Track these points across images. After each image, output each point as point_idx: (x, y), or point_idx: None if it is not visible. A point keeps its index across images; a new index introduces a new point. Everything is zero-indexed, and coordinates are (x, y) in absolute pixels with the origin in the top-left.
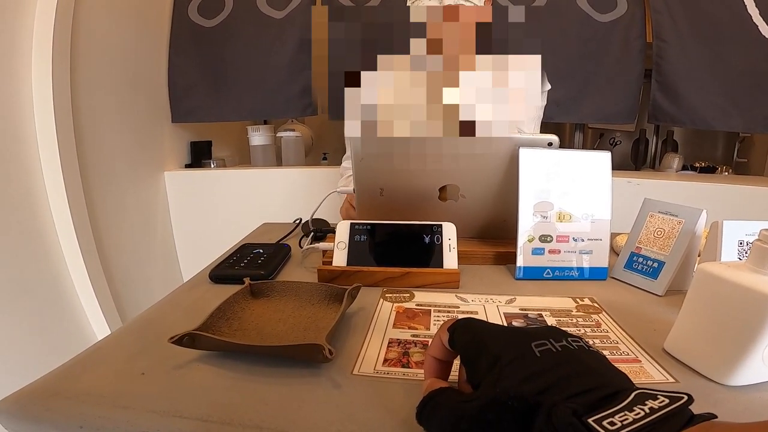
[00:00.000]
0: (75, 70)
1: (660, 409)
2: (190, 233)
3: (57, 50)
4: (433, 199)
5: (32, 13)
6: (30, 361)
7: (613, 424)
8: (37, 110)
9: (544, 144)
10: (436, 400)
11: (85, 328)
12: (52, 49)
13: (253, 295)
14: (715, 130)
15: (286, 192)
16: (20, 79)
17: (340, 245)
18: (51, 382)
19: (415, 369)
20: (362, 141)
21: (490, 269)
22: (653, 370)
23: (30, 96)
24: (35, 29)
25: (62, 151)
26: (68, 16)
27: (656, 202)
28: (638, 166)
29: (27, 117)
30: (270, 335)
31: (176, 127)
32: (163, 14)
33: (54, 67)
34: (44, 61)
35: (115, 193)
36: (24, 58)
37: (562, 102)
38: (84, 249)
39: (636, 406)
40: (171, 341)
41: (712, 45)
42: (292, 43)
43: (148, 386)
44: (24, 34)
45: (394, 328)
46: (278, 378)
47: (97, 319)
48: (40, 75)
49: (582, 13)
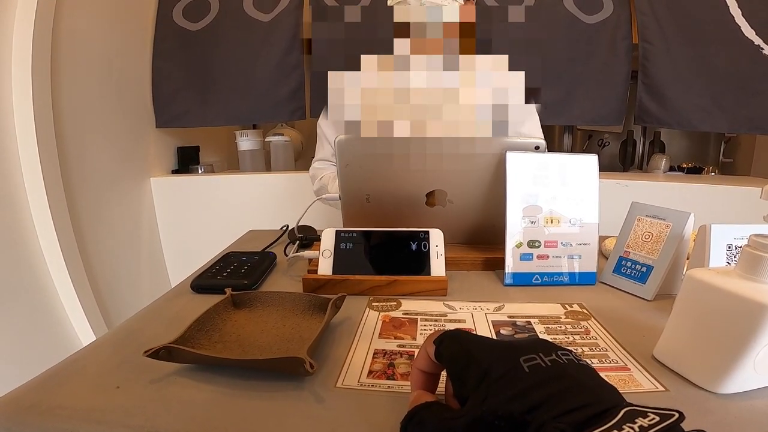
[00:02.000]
0: (56, 73)
1: (650, 428)
2: (177, 240)
3: (37, 53)
4: (421, 205)
5: (12, 16)
6: (12, 372)
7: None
8: (17, 116)
9: (531, 147)
10: (422, 415)
11: (71, 338)
12: (32, 52)
13: (235, 305)
14: (701, 131)
15: (276, 197)
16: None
17: (325, 253)
18: (24, 395)
19: (400, 381)
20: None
21: (479, 275)
22: (643, 379)
23: (10, 101)
24: (15, 31)
25: (43, 157)
26: (49, 19)
27: (644, 206)
28: (626, 167)
29: (6, 123)
30: (251, 347)
31: (163, 132)
32: (147, 17)
33: (34, 71)
34: (24, 64)
35: (99, 200)
36: (3, 61)
37: (550, 104)
38: (67, 257)
39: (625, 425)
40: (146, 355)
41: (697, 46)
42: (279, 46)
43: (124, 400)
44: (3, 37)
45: (380, 338)
46: (259, 392)
47: (83, 328)
48: (19, 79)
49: (569, 14)
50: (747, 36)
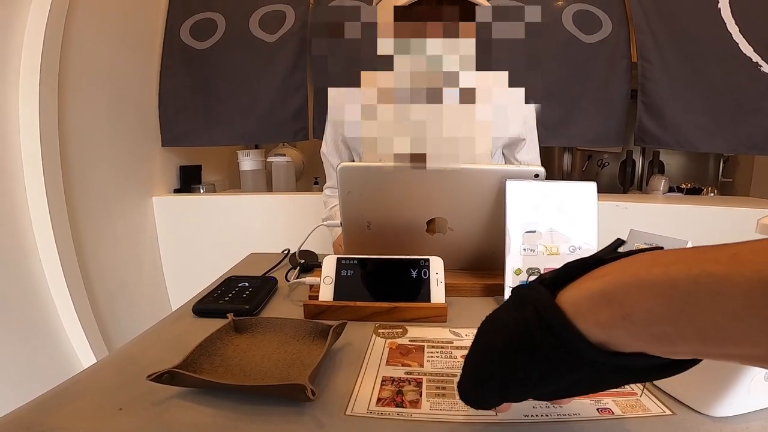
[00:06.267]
0: (63, 90)
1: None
2: (178, 259)
3: (45, 70)
4: (421, 232)
5: (21, 33)
6: (10, 391)
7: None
8: (23, 130)
9: (530, 176)
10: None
11: (70, 357)
12: (40, 69)
13: (236, 330)
14: (701, 152)
15: (276, 218)
16: (6, 99)
17: (326, 280)
18: (25, 415)
19: (409, 408)
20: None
21: (479, 301)
22: (650, 403)
23: (16, 116)
24: (24, 48)
25: (47, 173)
26: (58, 36)
27: (641, 233)
28: (626, 188)
29: (12, 138)
30: (253, 372)
31: (166, 150)
32: (155, 35)
33: (41, 87)
34: (32, 81)
35: (102, 218)
36: (11, 77)
37: (549, 125)
38: (68, 274)
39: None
40: (150, 379)
41: (695, 64)
42: (283, 66)
43: (126, 423)
44: (12, 54)
45: (387, 365)
46: (261, 416)
47: (82, 347)
48: (26, 96)
49: (568, 34)
50: (745, 53)
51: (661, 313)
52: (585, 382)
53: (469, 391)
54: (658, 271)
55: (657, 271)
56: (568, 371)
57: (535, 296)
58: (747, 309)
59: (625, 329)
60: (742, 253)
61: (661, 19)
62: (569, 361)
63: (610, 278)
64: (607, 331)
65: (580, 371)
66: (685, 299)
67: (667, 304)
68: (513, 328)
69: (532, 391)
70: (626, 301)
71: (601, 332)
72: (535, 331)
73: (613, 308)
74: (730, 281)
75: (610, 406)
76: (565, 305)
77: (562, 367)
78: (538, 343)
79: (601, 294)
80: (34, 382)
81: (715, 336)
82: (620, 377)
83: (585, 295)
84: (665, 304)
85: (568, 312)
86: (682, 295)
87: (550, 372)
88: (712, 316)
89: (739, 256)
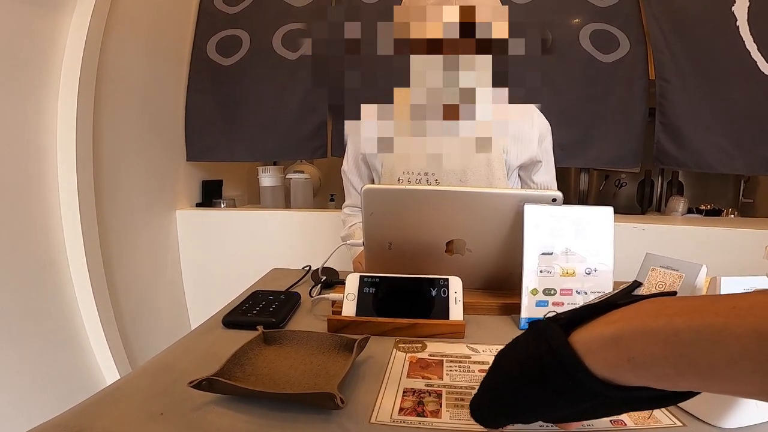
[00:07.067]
0: (98, 104)
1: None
2: (198, 272)
3: (83, 85)
4: (440, 252)
5: (62, 49)
6: (36, 396)
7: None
8: (60, 146)
9: (548, 200)
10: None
11: (92, 366)
12: (78, 85)
13: (266, 342)
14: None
15: (295, 234)
16: (46, 113)
17: (349, 296)
18: (72, 420)
19: (430, 418)
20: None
21: (495, 319)
22: (662, 416)
23: (54, 130)
24: (64, 64)
25: (80, 186)
26: (95, 54)
27: (657, 257)
28: (644, 209)
29: (49, 151)
30: (282, 381)
31: (190, 165)
32: (184, 51)
33: (79, 101)
34: (71, 95)
35: (129, 231)
36: (51, 90)
37: (566, 146)
38: (96, 288)
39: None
40: (190, 385)
41: (713, 83)
42: (303, 84)
43: (168, 426)
44: (53, 69)
45: (408, 378)
46: (290, 423)
47: (104, 357)
48: (65, 111)
49: (585, 53)
50: (763, 71)
51: (664, 357)
52: (592, 411)
53: (482, 410)
54: (662, 321)
55: (662, 320)
56: (576, 401)
57: (550, 334)
58: (742, 355)
59: (631, 370)
60: (740, 306)
61: (678, 38)
62: (577, 393)
63: (619, 324)
64: (613, 370)
65: (588, 402)
66: (685, 346)
67: (670, 350)
68: (529, 361)
69: (541, 416)
70: (632, 346)
71: (608, 371)
72: (548, 364)
73: (620, 351)
74: (728, 332)
75: (622, 418)
76: (577, 345)
77: (571, 398)
78: (550, 375)
79: (611, 338)
80: (57, 389)
81: (712, 376)
82: (625, 407)
83: (596, 338)
84: (667, 349)
85: (579, 351)
86: (684, 342)
87: (559, 401)
88: (709, 360)
89: (738, 309)
